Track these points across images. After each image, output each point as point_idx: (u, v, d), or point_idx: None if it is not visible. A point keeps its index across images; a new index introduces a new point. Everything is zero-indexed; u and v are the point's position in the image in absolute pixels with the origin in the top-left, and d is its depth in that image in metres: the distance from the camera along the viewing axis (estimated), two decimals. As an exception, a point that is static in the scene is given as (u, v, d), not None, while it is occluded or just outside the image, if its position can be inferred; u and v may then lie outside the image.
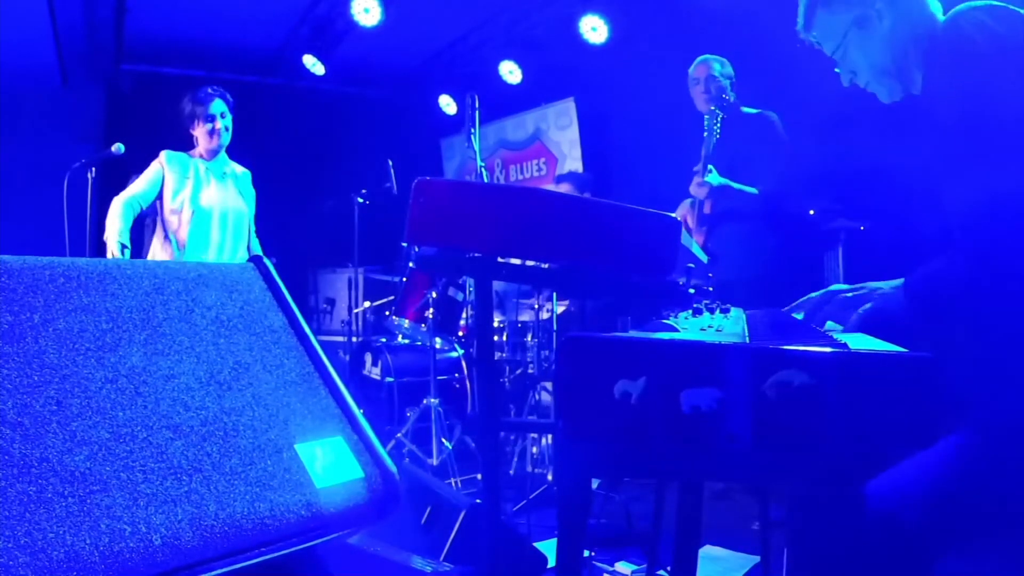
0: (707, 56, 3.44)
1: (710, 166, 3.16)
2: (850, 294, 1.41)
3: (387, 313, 4.16)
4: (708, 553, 2.74)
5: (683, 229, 1.22)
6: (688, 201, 3.34)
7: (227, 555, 0.86)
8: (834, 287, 1.54)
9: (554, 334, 4.14)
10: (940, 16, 1.42)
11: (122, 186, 3.43)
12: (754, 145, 3.26)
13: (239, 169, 3.60)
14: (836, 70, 1.54)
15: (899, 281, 1.38)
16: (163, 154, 3.41)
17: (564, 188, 4.78)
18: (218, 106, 3.42)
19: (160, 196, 3.34)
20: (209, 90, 3.43)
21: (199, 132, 3.42)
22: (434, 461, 3.80)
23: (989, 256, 1.22)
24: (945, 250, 1.29)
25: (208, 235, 3.37)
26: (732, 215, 3.23)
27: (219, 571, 0.85)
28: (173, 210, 3.33)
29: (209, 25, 5.81)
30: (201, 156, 3.47)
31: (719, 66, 3.40)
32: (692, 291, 1.33)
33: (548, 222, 1.19)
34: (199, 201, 3.37)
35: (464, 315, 4.14)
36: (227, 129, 3.45)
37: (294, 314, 1.16)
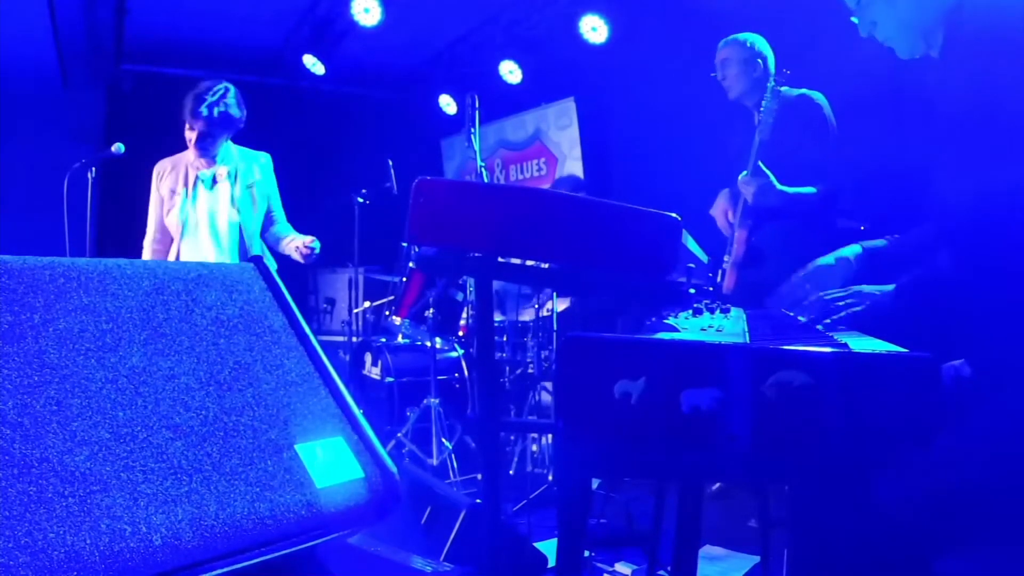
0: (730, 37, 3.07)
1: (760, 162, 2.80)
2: (841, 302, 1.40)
3: (387, 313, 4.17)
4: (708, 553, 2.74)
5: (684, 229, 1.22)
6: (726, 191, 3.02)
7: (227, 555, 0.86)
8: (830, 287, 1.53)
9: (554, 334, 4.14)
10: None
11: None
12: (798, 133, 2.88)
13: (254, 171, 3.30)
14: (853, 19, 1.51)
15: (889, 286, 1.37)
16: (154, 170, 3.28)
17: None
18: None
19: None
20: (215, 91, 3.18)
21: (190, 135, 3.20)
22: (434, 461, 3.80)
23: (983, 252, 1.22)
24: (937, 251, 1.29)
25: (192, 252, 3.21)
26: (779, 211, 2.88)
27: (219, 571, 0.85)
28: (162, 227, 3.27)
29: (209, 25, 5.82)
30: (197, 155, 3.24)
31: (747, 46, 3.02)
32: (692, 291, 1.33)
33: (548, 222, 1.19)
34: (184, 217, 3.21)
35: (464, 315, 4.14)
36: (219, 132, 3.21)
37: (294, 314, 1.16)
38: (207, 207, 3.24)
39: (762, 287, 2.51)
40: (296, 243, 3.33)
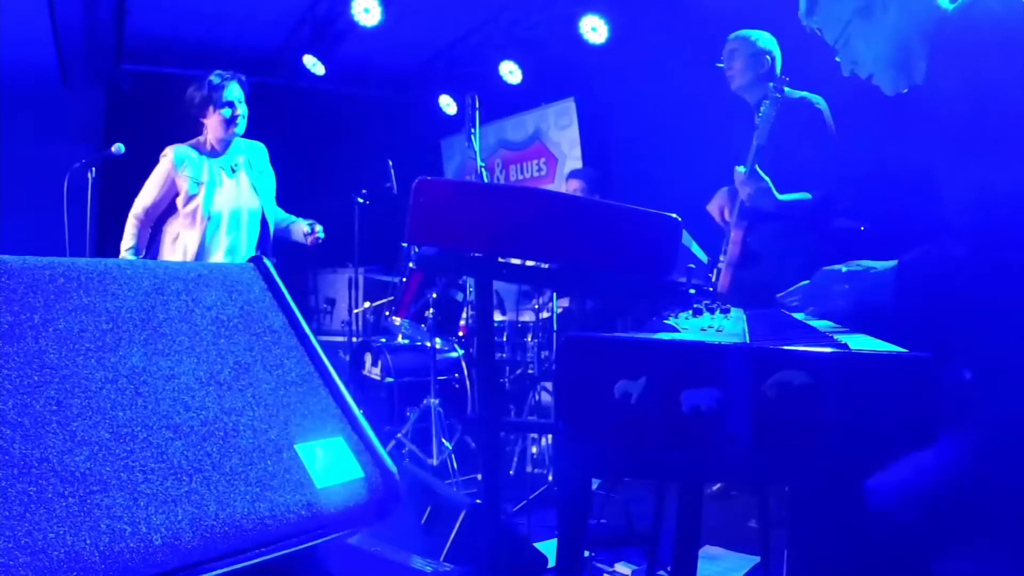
0: (738, 33, 3.08)
1: (756, 166, 2.79)
2: (844, 269, 1.39)
3: (387, 313, 4.17)
4: (708, 553, 2.74)
5: (684, 229, 1.22)
6: (726, 189, 3.01)
7: (227, 555, 0.86)
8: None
9: (554, 334, 4.14)
10: (947, 4, 1.40)
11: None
12: (796, 137, 2.86)
13: (261, 159, 3.37)
14: (837, 59, 1.52)
15: (892, 262, 1.36)
16: (172, 153, 3.20)
17: (574, 184, 4.73)
18: (236, 91, 3.20)
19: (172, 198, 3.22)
20: (224, 74, 3.19)
21: (213, 120, 3.18)
22: (434, 461, 3.80)
23: (989, 248, 1.21)
24: (939, 236, 1.29)
25: (218, 241, 3.20)
26: (774, 214, 2.86)
27: (219, 571, 0.85)
28: (186, 214, 3.19)
29: (209, 25, 5.81)
30: (212, 148, 3.25)
31: (751, 41, 3.02)
32: (692, 291, 1.33)
33: (548, 222, 1.19)
34: (211, 207, 3.18)
35: (464, 315, 4.14)
36: (244, 116, 3.22)
37: (294, 314, 1.16)
38: (231, 195, 3.25)
39: (757, 287, 2.51)
40: (303, 228, 3.46)
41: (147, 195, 3.23)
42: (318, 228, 3.46)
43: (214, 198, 3.21)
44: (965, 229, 1.26)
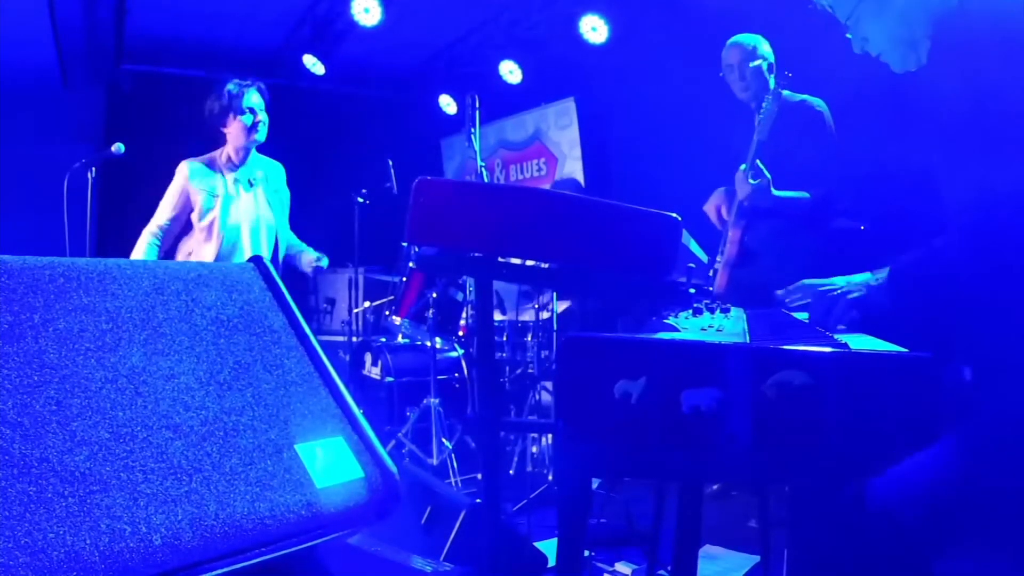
0: (739, 37, 3.09)
1: (758, 161, 2.82)
2: (837, 292, 1.36)
3: (387, 313, 4.17)
4: (708, 553, 2.74)
5: (684, 229, 1.22)
6: (722, 189, 3.04)
7: (227, 555, 0.86)
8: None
9: (554, 334, 4.14)
10: None
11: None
12: (796, 138, 2.90)
13: (277, 177, 3.37)
14: (847, 35, 1.52)
15: (884, 272, 1.35)
16: (185, 168, 3.16)
17: None
18: (255, 97, 3.17)
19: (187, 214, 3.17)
20: (242, 82, 3.16)
21: (234, 128, 3.15)
22: (434, 461, 3.80)
23: (989, 248, 1.21)
24: (932, 238, 1.28)
25: (235, 254, 3.17)
26: (772, 212, 2.90)
27: (219, 571, 0.85)
28: (201, 228, 3.15)
29: (209, 25, 5.81)
30: (229, 158, 3.21)
31: (753, 48, 3.05)
32: (692, 291, 1.33)
33: (548, 222, 1.19)
34: (228, 220, 3.15)
35: (464, 315, 4.14)
36: (265, 123, 3.18)
37: (294, 314, 1.16)
38: (249, 208, 3.23)
39: (754, 287, 2.51)
40: (311, 259, 3.45)
41: (163, 212, 3.19)
42: (324, 261, 3.44)
43: (231, 211, 3.17)
44: (965, 229, 1.26)
